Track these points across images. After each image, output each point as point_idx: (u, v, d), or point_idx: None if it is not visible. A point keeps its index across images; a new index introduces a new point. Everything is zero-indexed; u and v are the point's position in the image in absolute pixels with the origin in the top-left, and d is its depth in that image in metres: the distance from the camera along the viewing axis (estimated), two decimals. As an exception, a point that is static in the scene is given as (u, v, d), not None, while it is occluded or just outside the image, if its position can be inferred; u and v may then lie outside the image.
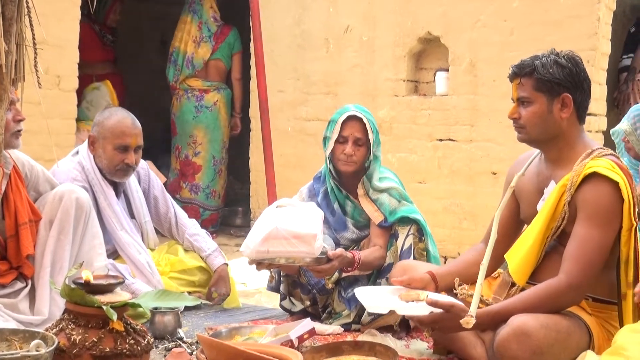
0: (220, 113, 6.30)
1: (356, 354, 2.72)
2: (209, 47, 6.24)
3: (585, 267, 2.47)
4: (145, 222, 3.77)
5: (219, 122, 6.30)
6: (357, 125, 3.36)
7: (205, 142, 6.27)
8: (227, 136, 6.40)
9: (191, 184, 6.30)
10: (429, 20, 5.51)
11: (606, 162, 2.55)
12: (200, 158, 6.30)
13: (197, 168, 6.31)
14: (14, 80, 2.56)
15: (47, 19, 3.99)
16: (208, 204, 6.34)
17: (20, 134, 2.98)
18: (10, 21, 2.47)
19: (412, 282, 2.84)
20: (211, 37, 6.25)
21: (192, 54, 6.23)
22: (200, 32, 6.25)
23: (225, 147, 6.39)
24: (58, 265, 3.03)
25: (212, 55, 6.25)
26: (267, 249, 3.07)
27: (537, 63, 2.62)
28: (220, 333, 2.97)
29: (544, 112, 2.62)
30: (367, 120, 3.37)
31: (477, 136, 5.32)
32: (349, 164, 3.36)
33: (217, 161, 6.35)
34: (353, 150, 3.34)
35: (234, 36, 6.32)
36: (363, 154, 3.37)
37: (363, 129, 3.36)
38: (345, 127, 3.36)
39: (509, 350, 2.37)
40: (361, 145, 3.36)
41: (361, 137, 3.35)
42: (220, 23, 6.31)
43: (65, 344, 2.26)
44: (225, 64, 6.33)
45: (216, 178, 6.37)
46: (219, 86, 6.31)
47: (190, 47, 6.24)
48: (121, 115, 3.61)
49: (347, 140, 3.35)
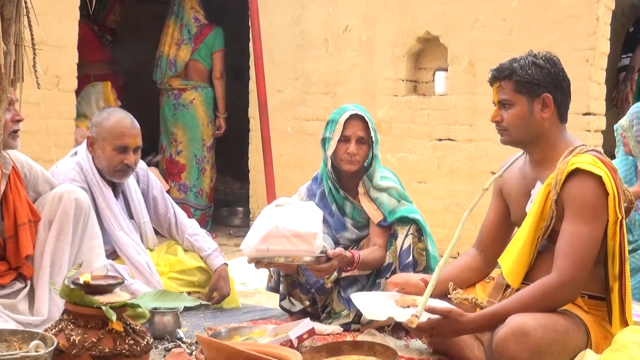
0: (197, 111, 6.33)
1: (356, 353, 2.72)
2: (189, 48, 6.31)
3: (576, 263, 2.48)
4: (144, 223, 3.76)
5: (197, 121, 6.34)
6: (359, 124, 3.36)
7: (185, 141, 6.34)
8: (209, 135, 6.42)
9: (178, 183, 6.36)
10: (428, 20, 5.51)
11: (589, 157, 2.57)
12: (183, 157, 6.36)
13: (182, 167, 6.37)
14: (13, 80, 2.56)
15: (46, 20, 3.99)
16: (198, 204, 6.38)
17: (18, 134, 2.97)
18: (9, 22, 2.47)
19: (407, 286, 2.87)
20: (191, 39, 6.30)
21: (175, 56, 6.32)
22: (181, 34, 6.32)
23: (206, 146, 6.41)
24: (57, 265, 3.03)
25: (192, 55, 6.30)
26: (267, 248, 3.07)
27: (515, 65, 2.65)
28: (220, 333, 2.97)
29: (525, 114, 2.65)
30: (368, 119, 3.37)
31: (476, 136, 5.32)
32: (352, 163, 3.36)
33: (200, 160, 6.39)
34: (356, 149, 3.35)
35: (213, 36, 6.32)
36: (365, 153, 3.38)
37: (365, 127, 3.36)
38: (348, 126, 3.36)
39: (507, 350, 2.38)
40: (364, 143, 3.36)
41: (364, 136, 3.36)
42: (201, 23, 6.33)
43: (65, 345, 2.26)
44: (205, 65, 6.36)
45: (201, 177, 6.40)
46: (197, 85, 6.35)
47: (173, 50, 6.33)
48: (120, 116, 3.60)
49: (350, 139, 3.35)
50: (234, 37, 6.58)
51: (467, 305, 2.74)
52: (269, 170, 5.51)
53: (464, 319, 2.51)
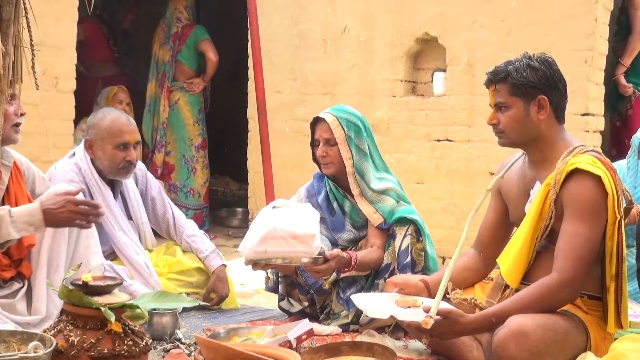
0: (182, 112, 6.36)
1: (354, 354, 2.72)
2: (168, 48, 6.35)
3: (575, 263, 2.49)
4: (142, 223, 3.77)
5: (182, 121, 6.37)
6: (323, 126, 3.41)
7: (172, 141, 6.38)
8: (196, 135, 6.43)
9: (169, 183, 6.38)
10: (427, 21, 5.51)
11: (588, 157, 2.57)
12: (172, 157, 6.40)
13: (171, 167, 6.41)
14: (11, 81, 2.57)
15: (45, 21, 4.00)
16: (189, 203, 6.38)
17: (19, 128, 2.99)
18: (8, 23, 2.47)
19: (406, 287, 2.87)
20: (170, 39, 6.33)
21: (159, 57, 6.39)
22: (164, 35, 6.38)
23: (194, 146, 6.42)
24: (54, 263, 3.04)
25: (177, 57, 6.32)
26: (265, 249, 3.07)
27: (510, 68, 2.67)
28: (219, 334, 2.97)
29: (521, 116, 2.66)
30: (334, 118, 3.37)
31: (474, 136, 5.32)
32: (326, 166, 3.42)
33: (188, 160, 6.41)
34: (324, 151, 3.38)
35: (193, 35, 6.33)
36: (337, 153, 3.39)
37: (328, 128, 3.38)
38: (316, 130, 3.45)
39: (507, 351, 2.37)
40: (333, 145, 3.38)
41: (329, 137, 3.38)
42: (183, 24, 6.35)
43: (64, 346, 2.26)
44: (187, 65, 6.36)
45: (191, 177, 6.42)
46: (182, 85, 6.36)
47: (159, 50, 6.40)
48: (115, 115, 3.63)
49: (319, 143, 3.40)
50: (232, 38, 6.58)
51: (466, 306, 2.74)
52: (268, 171, 5.51)
53: (464, 319, 2.51)
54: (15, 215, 2.76)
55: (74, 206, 2.85)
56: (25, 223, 2.77)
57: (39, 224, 2.80)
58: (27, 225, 2.77)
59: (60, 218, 2.84)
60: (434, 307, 2.50)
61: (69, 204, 2.84)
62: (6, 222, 2.73)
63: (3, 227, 2.73)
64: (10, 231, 2.73)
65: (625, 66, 5.72)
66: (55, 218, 2.83)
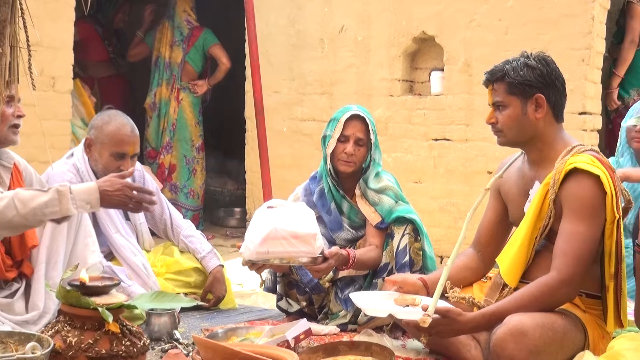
0: (185, 112, 6.37)
1: (352, 354, 2.72)
2: (180, 50, 6.35)
3: (574, 262, 2.49)
4: (140, 224, 3.76)
5: (185, 122, 6.38)
6: (359, 125, 3.37)
7: (175, 141, 6.38)
8: (197, 136, 6.45)
9: (170, 183, 6.38)
10: (424, 20, 5.51)
11: (586, 157, 2.58)
12: (174, 157, 6.41)
13: (172, 167, 6.40)
14: (8, 82, 2.56)
15: (41, 21, 3.99)
16: (189, 204, 6.39)
17: (18, 130, 2.99)
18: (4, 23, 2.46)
19: (405, 285, 2.87)
20: (183, 41, 6.35)
21: (170, 59, 6.37)
22: (173, 37, 6.38)
23: (195, 147, 6.44)
24: (53, 260, 3.04)
25: (184, 58, 6.34)
26: (267, 250, 3.05)
27: (507, 67, 2.68)
28: (217, 334, 2.97)
29: (518, 115, 2.67)
30: (369, 121, 3.37)
31: (472, 135, 5.32)
32: (348, 164, 3.37)
33: (189, 160, 6.42)
34: (354, 149, 3.35)
35: (202, 37, 6.36)
36: (363, 155, 3.38)
37: (365, 129, 3.37)
38: (348, 126, 3.37)
39: (505, 350, 2.38)
40: (362, 145, 3.37)
41: (362, 138, 3.36)
42: (192, 26, 6.37)
43: (61, 346, 2.26)
44: (194, 66, 6.39)
45: (191, 177, 6.43)
46: (185, 86, 6.37)
47: (168, 52, 6.38)
48: (121, 122, 3.54)
49: (349, 140, 3.35)
50: (229, 37, 6.57)
51: (464, 305, 2.74)
52: (265, 171, 5.50)
53: (463, 318, 2.51)
54: (75, 192, 2.81)
55: (129, 191, 2.91)
56: (83, 201, 2.81)
57: (95, 203, 2.84)
58: (85, 203, 2.82)
59: (115, 200, 2.90)
60: (431, 305, 2.50)
61: (125, 188, 2.90)
62: (67, 198, 2.77)
63: (64, 203, 2.76)
64: (70, 207, 2.78)
65: (619, 77, 5.74)
66: (111, 199, 2.88)
